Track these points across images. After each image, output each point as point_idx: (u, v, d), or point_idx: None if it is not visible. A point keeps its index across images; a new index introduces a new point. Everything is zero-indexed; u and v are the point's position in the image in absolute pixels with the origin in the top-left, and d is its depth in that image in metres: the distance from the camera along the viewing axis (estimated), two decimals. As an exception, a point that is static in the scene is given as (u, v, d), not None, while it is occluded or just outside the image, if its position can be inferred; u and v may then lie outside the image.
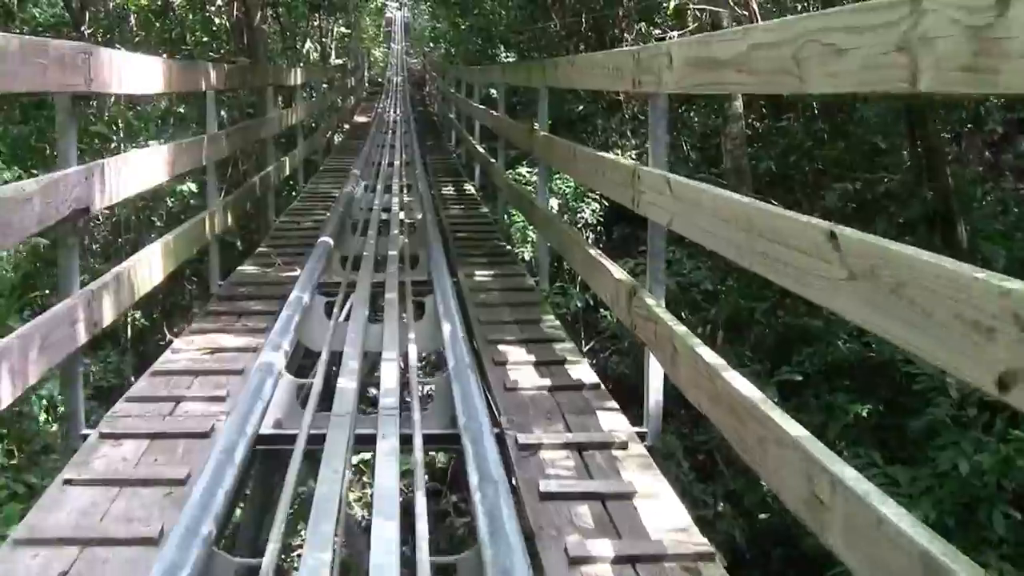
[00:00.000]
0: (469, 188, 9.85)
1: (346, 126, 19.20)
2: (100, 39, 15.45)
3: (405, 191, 9.34)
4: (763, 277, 2.18)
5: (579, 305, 7.74)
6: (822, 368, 7.34)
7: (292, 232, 7.26)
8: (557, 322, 4.72)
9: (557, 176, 12.30)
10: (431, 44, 33.60)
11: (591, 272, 4.13)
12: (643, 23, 16.38)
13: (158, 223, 11.77)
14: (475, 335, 4.47)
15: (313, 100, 13.06)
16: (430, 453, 4.71)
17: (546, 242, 5.66)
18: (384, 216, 7.99)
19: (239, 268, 5.99)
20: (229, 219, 5.79)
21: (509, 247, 6.76)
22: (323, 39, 25.67)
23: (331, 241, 5.99)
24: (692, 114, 15.36)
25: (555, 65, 5.25)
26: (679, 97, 16.29)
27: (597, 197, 12.79)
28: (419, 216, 8.03)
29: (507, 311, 4.90)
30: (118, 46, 16.94)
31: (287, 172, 8.55)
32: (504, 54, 20.43)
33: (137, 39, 14.63)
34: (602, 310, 8.42)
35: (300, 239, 6.90)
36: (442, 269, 5.40)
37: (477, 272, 5.77)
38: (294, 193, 10.32)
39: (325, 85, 17.01)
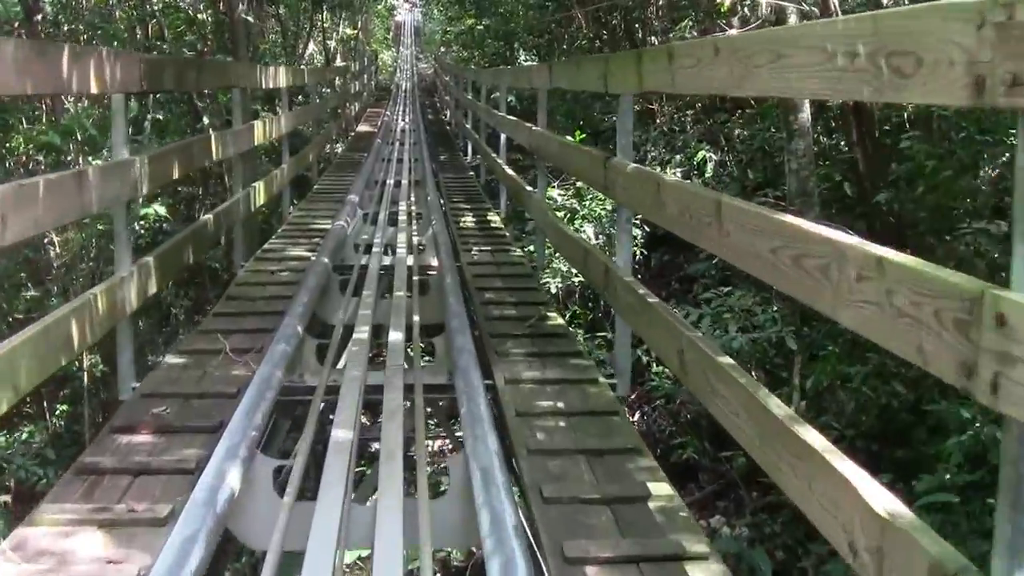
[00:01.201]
0: (494, 219, 7.90)
1: (351, 134, 17.31)
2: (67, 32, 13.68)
3: (414, 222, 7.41)
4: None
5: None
6: (985, 478, 5.35)
7: (259, 289, 5.33)
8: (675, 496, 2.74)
9: (589, 194, 10.42)
10: (443, 48, 31.86)
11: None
12: (683, 20, 14.51)
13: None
14: (538, 524, 2.54)
15: (308, 107, 11.11)
16: None
17: (629, 329, 3.74)
18: (387, 260, 6.08)
19: (166, 360, 4.06)
20: (153, 284, 3.87)
21: (563, 322, 4.81)
22: (327, 41, 23.85)
23: (301, 319, 4.07)
24: (735, 126, 13.45)
25: (651, 57, 3.32)
26: (721, 108, 14.40)
27: (638, 222, 10.98)
28: (432, 260, 6.12)
29: (585, 465, 2.95)
30: (94, 41, 15.14)
31: (261, 200, 6.62)
32: (524, 57, 18.57)
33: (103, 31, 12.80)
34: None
35: (268, 302, 4.99)
36: (470, 372, 3.47)
37: (525, 372, 3.83)
38: (279, 222, 8.42)
39: (327, 90, 15.11)
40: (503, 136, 8.48)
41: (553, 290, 9.68)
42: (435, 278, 5.27)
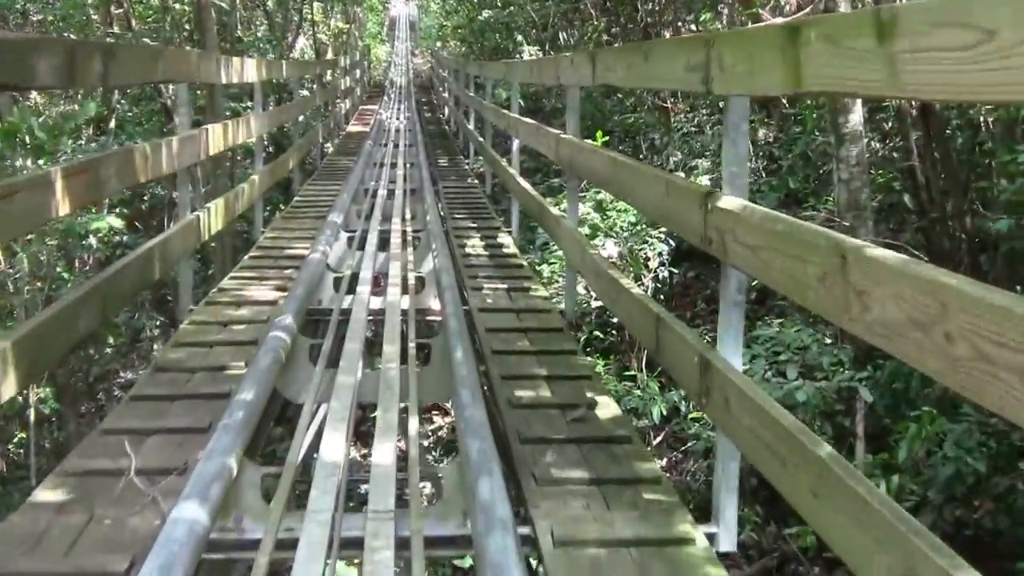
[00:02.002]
0: (505, 242, 6.54)
1: (341, 134, 15.92)
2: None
3: (410, 247, 6.07)
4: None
5: None
6: None
7: (200, 356, 3.97)
8: None
9: (612, 206, 9.07)
10: (439, 43, 30.49)
11: None
12: (701, 11, 13.15)
13: (66, 274, 8.51)
14: None
15: (287, 106, 9.71)
16: None
17: (737, 451, 2.40)
18: (375, 301, 4.75)
19: (33, 499, 2.67)
20: (12, 383, 2.52)
21: (619, 413, 3.44)
22: (317, 35, 22.48)
23: (239, 433, 2.71)
24: (758, 126, 12.11)
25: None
26: (756, 105, 13.03)
27: (662, 236, 9.66)
28: (432, 303, 4.80)
29: None
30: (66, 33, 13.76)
31: (218, 224, 5.26)
32: (527, 51, 17.19)
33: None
34: None
35: (210, 379, 3.64)
36: (496, 521, 2.14)
37: (583, 524, 2.48)
38: (249, 241, 7.06)
39: (313, 85, 13.72)
40: (515, 142, 7.13)
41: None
42: (438, 340, 3.91)
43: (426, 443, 9.76)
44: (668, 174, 2.92)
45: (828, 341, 7.29)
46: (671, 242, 9.96)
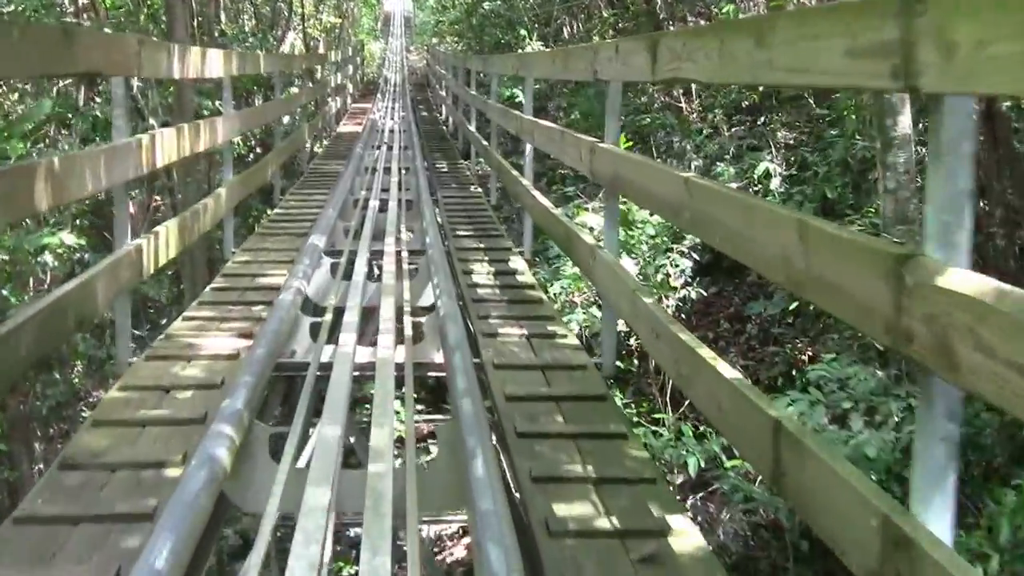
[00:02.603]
0: (519, 267, 5.49)
1: (331, 135, 14.88)
2: None
3: (407, 274, 5.06)
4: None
5: None
6: None
7: (120, 448, 2.93)
8: None
9: (640, 223, 8.08)
10: (435, 39, 29.49)
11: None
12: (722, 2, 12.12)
13: (13, 299, 7.46)
14: None
15: (265, 106, 8.65)
16: None
17: None
18: (365, 353, 3.76)
19: None
20: None
21: (713, 557, 2.42)
22: (306, 29, 21.45)
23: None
24: (776, 126, 11.10)
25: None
26: (760, 105, 12.00)
27: (685, 250, 8.70)
28: (434, 355, 3.81)
29: None
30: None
31: (169, 253, 4.24)
32: (531, 46, 16.16)
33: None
34: None
35: (136, 476, 2.63)
36: None
37: None
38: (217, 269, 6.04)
39: (298, 80, 12.68)
40: (528, 147, 6.11)
41: (576, 329, 7.33)
42: (446, 429, 2.90)
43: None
44: (805, 215, 1.90)
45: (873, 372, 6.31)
46: (695, 256, 8.97)
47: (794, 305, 7.85)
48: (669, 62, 2.73)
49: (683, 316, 9.10)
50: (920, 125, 8.22)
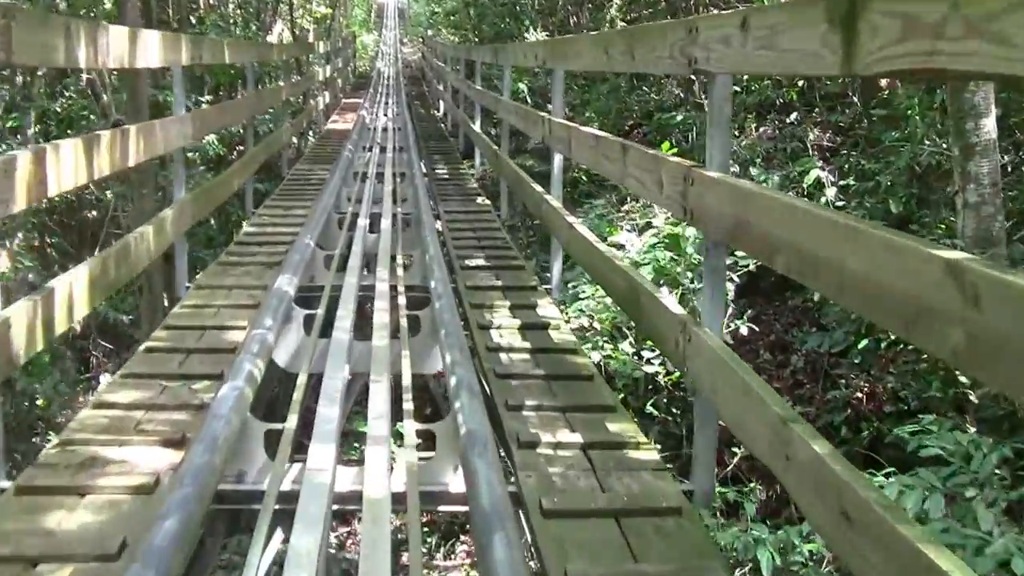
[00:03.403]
0: (552, 320, 4.18)
1: (318, 133, 13.58)
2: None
3: (406, 332, 3.78)
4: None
5: None
6: None
7: None
8: None
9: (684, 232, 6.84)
10: (430, 31, 28.23)
11: None
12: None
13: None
14: None
15: (234, 102, 7.32)
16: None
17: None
18: (348, 477, 2.51)
19: None
20: None
21: None
22: (295, 19, 20.12)
23: None
24: (809, 126, 9.86)
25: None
26: (794, 102, 10.74)
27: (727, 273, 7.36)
28: (448, 479, 2.55)
29: None
30: None
31: (82, 310, 2.96)
32: (536, 38, 14.86)
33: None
34: None
35: None
36: None
37: None
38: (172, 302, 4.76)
39: (281, 73, 11.36)
40: (557, 158, 4.83)
41: (596, 358, 6.00)
42: None
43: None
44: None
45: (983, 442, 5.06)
46: (736, 278, 7.74)
47: (863, 343, 6.60)
48: (898, 41, 1.46)
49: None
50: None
